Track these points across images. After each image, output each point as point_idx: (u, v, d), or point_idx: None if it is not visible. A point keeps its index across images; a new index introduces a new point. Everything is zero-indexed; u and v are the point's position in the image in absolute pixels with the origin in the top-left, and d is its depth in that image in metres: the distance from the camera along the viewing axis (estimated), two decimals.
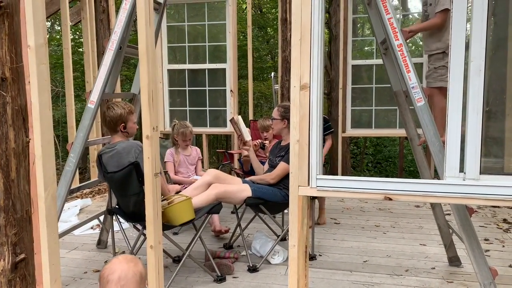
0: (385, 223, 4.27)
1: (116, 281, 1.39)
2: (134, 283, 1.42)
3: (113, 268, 1.44)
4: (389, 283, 2.94)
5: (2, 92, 1.07)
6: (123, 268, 1.43)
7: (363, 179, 2.00)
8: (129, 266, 1.45)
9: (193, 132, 4.22)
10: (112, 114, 2.92)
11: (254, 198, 3.26)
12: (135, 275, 1.43)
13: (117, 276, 1.40)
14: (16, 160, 1.14)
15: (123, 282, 1.40)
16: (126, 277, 1.41)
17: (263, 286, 2.93)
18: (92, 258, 3.50)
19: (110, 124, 2.95)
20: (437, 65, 3.32)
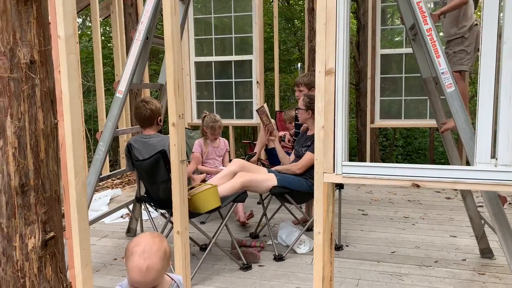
0: (414, 214, 4.19)
1: (140, 253, 1.41)
2: (158, 258, 1.43)
3: (139, 241, 1.46)
4: (418, 273, 2.88)
5: (31, 74, 1.10)
6: (148, 242, 1.45)
7: (390, 165, 1.96)
8: (154, 241, 1.47)
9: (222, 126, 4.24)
10: (152, 107, 3.01)
11: (279, 187, 3.26)
12: (159, 250, 1.45)
13: (141, 248, 1.42)
14: (45, 141, 1.17)
15: (147, 254, 1.41)
16: (150, 250, 1.43)
17: (289, 274, 2.93)
18: (121, 245, 3.59)
19: (150, 117, 3.02)
20: (456, 49, 3.23)
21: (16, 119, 1.10)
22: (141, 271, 1.40)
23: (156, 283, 1.46)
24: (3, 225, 1.11)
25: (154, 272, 1.42)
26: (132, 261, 1.42)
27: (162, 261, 1.45)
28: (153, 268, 1.42)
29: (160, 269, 1.45)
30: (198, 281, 2.84)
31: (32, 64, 1.11)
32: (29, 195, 1.13)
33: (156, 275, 1.44)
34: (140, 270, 1.40)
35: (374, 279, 2.81)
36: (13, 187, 1.11)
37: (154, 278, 1.44)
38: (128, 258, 1.44)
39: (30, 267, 1.14)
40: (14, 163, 1.11)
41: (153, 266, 1.42)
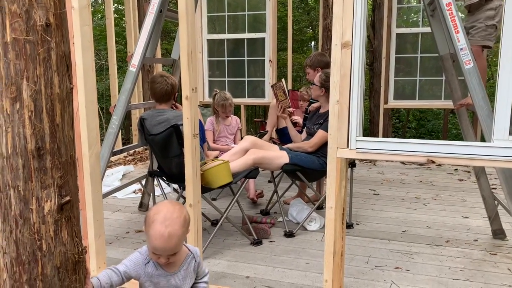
0: (426, 195, 4.16)
1: (161, 220, 1.43)
2: (178, 224, 1.45)
3: (159, 208, 1.47)
4: (428, 252, 2.88)
5: (47, 37, 1.10)
6: (168, 209, 1.46)
7: (405, 140, 1.94)
8: (175, 208, 1.48)
9: (233, 104, 4.22)
10: (173, 83, 3.04)
11: (291, 165, 3.25)
12: (179, 216, 1.46)
13: (162, 215, 1.44)
14: (61, 105, 1.17)
15: (168, 222, 1.43)
16: (171, 217, 1.44)
17: (299, 250, 2.95)
18: (134, 219, 3.63)
19: (170, 93, 3.01)
20: (488, 23, 3.15)
21: (32, 82, 1.10)
22: (163, 238, 1.42)
23: (177, 249, 1.49)
24: (20, 188, 1.12)
25: (176, 239, 1.45)
26: (154, 229, 1.43)
27: (182, 228, 1.47)
28: (175, 235, 1.44)
29: (181, 236, 1.47)
30: (209, 255, 2.87)
31: (47, 27, 1.10)
32: (45, 159, 1.13)
33: (177, 242, 1.46)
34: (162, 237, 1.42)
35: (384, 257, 2.82)
36: (30, 150, 1.11)
37: (176, 245, 1.46)
38: (149, 226, 1.45)
39: (46, 230, 1.16)
40: (30, 126, 1.11)
41: (174, 233, 1.43)
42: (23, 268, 1.16)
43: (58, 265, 1.20)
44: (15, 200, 1.15)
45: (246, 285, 2.47)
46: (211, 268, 2.69)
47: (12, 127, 1.12)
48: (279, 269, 2.67)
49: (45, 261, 1.18)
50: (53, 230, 1.18)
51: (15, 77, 1.11)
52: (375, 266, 2.69)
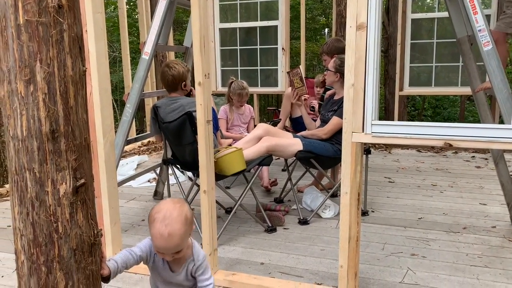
0: (442, 182, 4.10)
1: (161, 219, 1.43)
2: (179, 223, 1.44)
3: (160, 207, 1.47)
4: (445, 239, 2.84)
5: (59, 19, 1.09)
6: (168, 208, 1.46)
7: (422, 124, 1.90)
8: (175, 206, 1.47)
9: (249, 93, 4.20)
10: (175, 73, 2.99)
11: (305, 152, 3.23)
12: (179, 215, 1.45)
13: (162, 215, 1.44)
14: (74, 88, 1.17)
15: (168, 221, 1.42)
16: (171, 216, 1.43)
17: (314, 237, 2.94)
18: (149, 207, 3.66)
19: (173, 82, 3.01)
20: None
21: (45, 65, 1.10)
22: (163, 237, 1.42)
23: (179, 247, 1.47)
24: (35, 170, 1.13)
25: (176, 238, 1.44)
26: (154, 228, 1.43)
27: (183, 226, 1.45)
28: (175, 234, 1.43)
29: (182, 234, 1.46)
30: (224, 242, 2.88)
31: (59, 9, 1.09)
32: (59, 142, 1.13)
33: (179, 240, 1.45)
34: (162, 236, 1.42)
35: (400, 244, 2.79)
36: (44, 133, 1.12)
37: (177, 244, 1.45)
38: (151, 225, 1.45)
39: (62, 212, 1.16)
40: (44, 109, 1.11)
41: (174, 232, 1.43)
42: (40, 250, 1.17)
43: (74, 247, 1.21)
44: (31, 183, 1.15)
45: (260, 271, 2.48)
46: (225, 254, 2.70)
47: (26, 109, 1.13)
48: (293, 256, 2.66)
49: (61, 243, 1.19)
50: (68, 212, 1.19)
51: (28, 60, 1.11)
52: (390, 252, 2.67)
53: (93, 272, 1.27)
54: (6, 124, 1.16)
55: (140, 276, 2.47)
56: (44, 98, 1.13)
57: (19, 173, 1.16)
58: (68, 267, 1.20)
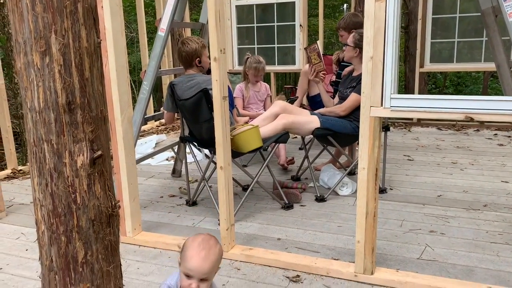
0: (463, 160, 4.03)
1: (198, 243, 1.50)
2: (214, 249, 1.50)
3: (196, 237, 1.53)
4: (465, 216, 2.80)
5: None
6: (204, 238, 1.53)
7: (442, 97, 1.85)
8: (210, 237, 1.54)
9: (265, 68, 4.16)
10: (187, 49, 2.97)
11: (322, 129, 3.20)
12: (215, 244, 1.52)
13: (200, 240, 1.51)
14: (89, 59, 1.16)
15: (205, 245, 1.49)
16: (209, 242, 1.51)
17: (331, 214, 2.93)
18: (167, 185, 3.70)
19: (186, 59, 3.00)
20: None
21: (60, 36, 1.10)
22: (200, 257, 1.46)
23: (209, 273, 1.49)
24: (53, 142, 1.14)
25: (210, 261, 1.48)
26: (191, 250, 1.48)
27: (216, 256, 1.50)
28: (210, 258, 1.48)
29: (215, 261, 1.50)
30: (240, 218, 2.90)
31: None
32: (76, 113, 1.14)
33: (211, 266, 1.48)
34: (199, 256, 1.46)
35: (418, 221, 2.76)
36: (61, 104, 1.12)
37: (209, 268, 1.47)
38: (186, 249, 1.49)
39: (80, 184, 1.18)
40: (60, 81, 1.11)
41: (210, 256, 1.48)
42: (59, 220, 1.20)
43: (93, 217, 1.23)
44: (49, 154, 1.17)
45: (277, 246, 2.49)
46: (242, 230, 2.72)
47: (43, 81, 1.13)
48: (310, 232, 2.67)
49: (79, 213, 1.21)
50: (86, 183, 1.20)
51: (43, 31, 1.11)
52: (408, 229, 2.65)
53: (111, 243, 1.29)
54: (24, 96, 1.17)
55: (159, 250, 2.51)
56: (60, 69, 1.13)
57: (37, 145, 1.17)
58: (87, 237, 1.22)
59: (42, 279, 1.27)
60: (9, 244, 2.67)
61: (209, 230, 2.74)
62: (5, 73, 5.27)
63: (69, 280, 1.23)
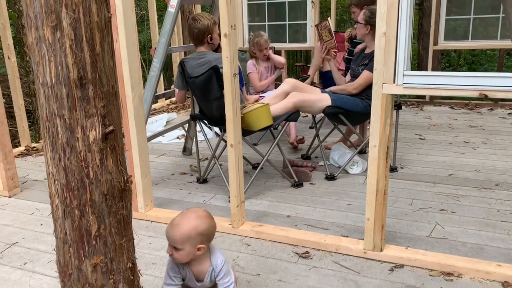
0: (475, 139, 3.98)
1: (181, 214, 1.60)
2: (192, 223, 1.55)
3: (193, 209, 1.63)
4: (476, 195, 2.78)
5: None
6: (194, 210, 1.61)
7: (456, 73, 1.82)
8: (198, 211, 1.61)
9: (269, 41, 4.11)
10: (199, 26, 2.94)
11: (333, 107, 3.18)
12: (197, 217, 1.58)
13: (187, 212, 1.61)
14: (100, 34, 1.16)
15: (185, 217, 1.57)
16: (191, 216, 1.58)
17: (341, 192, 2.94)
18: (178, 162, 3.73)
19: (198, 35, 2.97)
20: None
21: (71, 10, 1.09)
22: (171, 225, 1.55)
23: (177, 243, 1.53)
24: (65, 117, 1.15)
25: (181, 230, 1.52)
26: (175, 217, 1.58)
27: (189, 228, 1.53)
28: (183, 226, 1.53)
29: (185, 233, 1.52)
30: (251, 195, 2.92)
31: None
32: (87, 88, 1.15)
33: (180, 236, 1.52)
34: (171, 224, 1.56)
35: (429, 199, 2.76)
36: (72, 79, 1.13)
37: (177, 237, 1.52)
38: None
39: (93, 158, 1.19)
40: (71, 56, 1.12)
41: (183, 224, 1.53)
42: (72, 194, 1.22)
43: (105, 192, 1.24)
44: (62, 129, 1.18)
45: (287, 223, 2.51)
46: (252, 207, 2.74)
47: (54, 56, 1.14)
48: (320, 209, 2.68)
49: (92, 188, 1.22)
50: (98, 158, 1.22)
51: (54, 5, 1.11)
52: (419, 208, 2.64)
53: (124, 217, 1.31)
54: (36, 71, 1.18)
55: None
56: (71, 44, 1.13)
57: (50, 120, 1.18)
58: (99, 211, 1.25)
59: (56, 252, 1.30)
60: (24, 219, 2.73)
61: (219, 207, 2.77)
62: (17, 51, 5.29)
63: (83, 252, 1.26)
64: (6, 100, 5.15)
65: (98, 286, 1.28)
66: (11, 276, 2.10)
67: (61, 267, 1.30)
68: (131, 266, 1.36)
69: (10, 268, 2.17)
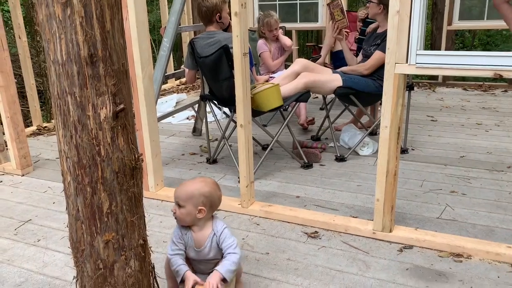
0: (488, 121, 3.93)
1: (193, 179, 1.68)
2: (199, 187, 1.62)
3: (202, 178, 1.71)
4: (487, 177, 2.76)
5: None
6: (206, 180, 1.68)
7: (470, 53, 1.79)
8: (211, 181, 1.67)
9: (279, 22, 4.06)
10: (208, 4, 2.91)
11: (344, 88, 3.15)
12: (205, 182, 1.65)
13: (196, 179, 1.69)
14: (110, 11, 1.15)
15: (195, 181, 1.65)
16: (199, 179, 1.67)
17: (350, 174, 2.93)
18: (188, 143, 3.74)
19: (206, 14, 2.94)
20: None
21: None
22: (181, 185, 1.65)
23: (182, 201, 1.61)
24: (76, 94, 1.15)
25: (189, 188, 1.62)
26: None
27: (194, 189, 1.61)
28: (191, 186, 1.62)
29: (189, 191, 1.61)
30: (260, 176, 2.93)
31: None
32: (98, 66, 1.15)
33: (184, 193, 1.61)
34: (181, 184, 1.65)
35: (439, 181, 2.74)
36: (83, 57, 1.13)
37: (184, 194, 1.61)
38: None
39: (104, 137, 1.20)
40: (82, 33, 1.11)
41: (191, 184, 1.63)
42: (84, 172, 1.23)
43: (117, 170, 1.25)
44: (73, 107, 1.18)
45: (296, 203, 2.52)
46: (262, 188, 2.75)
47: (65, 33, 1.13)
48: (329, 190, 2.68)
49: (104, 165, 1.23)
50: (110, 136, 1.22)
51: None
52: (429, 189, 2.63)
53: (135, 195, 1.32)
54: (47, 49, 1.17)
55: None
56: (81, 21, 1.13)
57: (61, 97, 1.19)
58: (111, 188, 1.26)
59: (69, 228, 1.32)
60: (37, 197, 2.78)
61: (229, 187, 2.79)
62: (27, 31, 5.30)
63: (95, 229, 1.27)
64: (18, 80, 5.18)
65: (110, 262, 1.30)
66: (25, 252, 2.15)
67: (74, 243, 1.32)
68: (142, 243, 1.38)
69: (24, 244, 2.22)
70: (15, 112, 3.06)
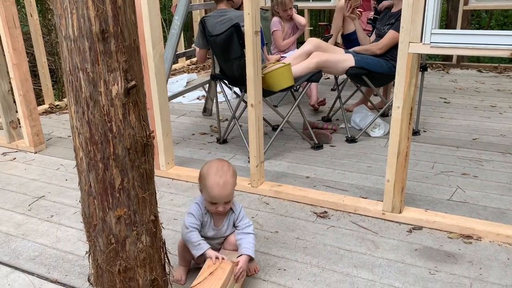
0: (502, 104, 3.87)
1: (214, 172, 1.64)
2: (229, 174, 1.65)
3: (210, 164, 1.68)
4: (500, 160, 2.73)
5: None
6: (218, 164, 1.67)
7: (486, 32, 1.75)
8: (223, 163, 1.68)
9: (293, 0, 4.00)
10: None
11: (357, 68, 3.11)
12: (229, 169, 1.67)
13: (214, 169, 1.65)
14: None
15: (221, 173, 1.63)
16: (223, 169, 1.65)
17: (361, 155, 2.92)
18: (198, 123, 3.75)
19: None
20: None
21: None
22: (219, 186, 1.61)
23: (231, 196, 1.66)
24: (88, 70, 1.16)
25: (230, 186, 1.64)
26: (209, 180, 1.63)
27: (233, 178, 1.67)
28: (228, 182, 1.63)
29: (233, 183, 1.67)
30: (270, 156, 2.93)
31: None
32: (109, 42, 1.14)
33: (231, 189, 1.65)
34: (218, 185, 1.61)
35: (451, 163, 2.72)
36: (94, 33, 1.12)
37: (230, 192, 1.64)
38: (205, 179, 1.64)
39: (115, 113, 1.21)
40: (93, 8, 1.11)
41: (228, 181, 1.63)
42: (96, 148, 1.24)
43: (128, 146, 1.26)
44: (85, 83, 1.19)
45: (306, 184, 2.52)
46: (271, 168, 2.76)
47: (76, 8, 1.13)
48: (339, 171, 2.68)
49: (116, 142, 1.24)
50: (121, 113, 1.23)
51: None
52: (440, 171, 2.62)
53: (146, 171, 1.33)
54: (58, 24, 1.17)
55: (191, 184, 2.60)
56: None
57: (73, 73, 1.19)
58: (123, 164, 1.27)
59: (82, 204, 1.34)
60: (50, 174, 2.82)
61: (239, 166, 2.80)
62: (39, 9, 5.29)
63: (107, 204, 1.29)
64: (30, 59, 5.20)
65: (121, 237, 1.32)
66: (39, 227, 2.19)
67: (86, 218, 1.34)
68: (153, 219, 1.40)
69: (38, 220, 2.27)
70: (27, 90, 3.08)
